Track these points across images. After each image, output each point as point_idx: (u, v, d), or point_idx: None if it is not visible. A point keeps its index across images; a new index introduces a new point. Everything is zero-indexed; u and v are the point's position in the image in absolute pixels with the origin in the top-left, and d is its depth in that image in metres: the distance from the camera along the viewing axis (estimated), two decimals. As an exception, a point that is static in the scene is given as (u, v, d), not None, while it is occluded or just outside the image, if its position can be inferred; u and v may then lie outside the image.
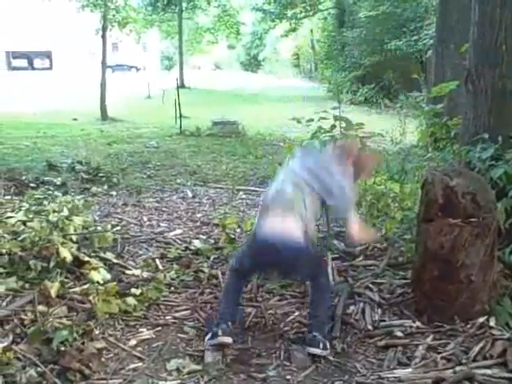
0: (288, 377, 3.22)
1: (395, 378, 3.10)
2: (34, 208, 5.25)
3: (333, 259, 4.61)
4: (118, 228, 5.69)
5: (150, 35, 38.59)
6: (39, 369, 3.00)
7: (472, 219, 3.59)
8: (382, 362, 3.35)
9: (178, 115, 15.11)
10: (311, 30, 41.37)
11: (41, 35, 48.66)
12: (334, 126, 5.45)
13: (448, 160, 6.20)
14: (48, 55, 52.91)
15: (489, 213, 3.63)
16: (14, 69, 49.08)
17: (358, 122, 5.46)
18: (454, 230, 3.60)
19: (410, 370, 3.19)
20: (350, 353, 3.50)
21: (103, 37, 18.51)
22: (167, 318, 3.93)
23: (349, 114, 5.64)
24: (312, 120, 5.71)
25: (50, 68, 51.42)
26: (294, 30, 37.96)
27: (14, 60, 51.63)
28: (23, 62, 51.50)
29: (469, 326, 3.57)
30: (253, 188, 8.02)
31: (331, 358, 3.42)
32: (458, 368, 3.13)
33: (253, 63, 59.69)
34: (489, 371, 3.09)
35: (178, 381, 3.14)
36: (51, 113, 18.52)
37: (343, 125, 5.46)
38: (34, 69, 50.18)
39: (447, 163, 5.98)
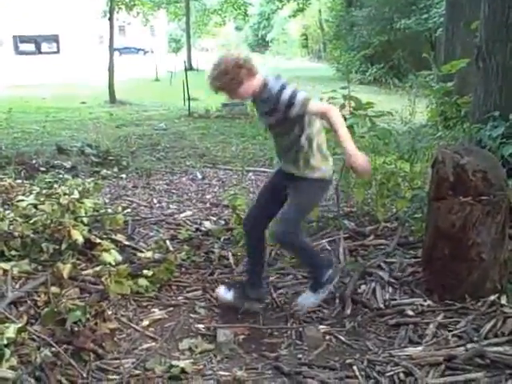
0: (299, 356, 3.24)
1: (406, 355, 3.11)
2: (44, 191, 5.27)
3: (343, 239, 4.60)
4: (129, 210, 5.72)
5: (157, 17, 38.37)
6: (54, 349, 3.03)
7: (483, 197, 3.58)
8: (393, 341, 3.37)
9: (187, 97, 15.06)
10: (319, 10, 40.94)
11: (48, 19, 48.57)
12: (343, 106, 5.41)
13: (458, 138, 6.18)
14: (55, 39, 52.86)
15: (500, 190, 3.61)
16: (22, 53, 49.07)
17: (367, 102, 5.43)
18: (465, 209, 3.59)
19: (421, 347, 3.20)
20: (361, 332, 3.52)
21: (110, 19, 18.41)
22: (179, 298, 3.96)
23: (358, 94, 5.59)
24: (321, 100, 5.68)
25: (58, 52, 51.37)
26: (301, 10, 37.63)
27: (22, 44, 51.63)
28: (30, 47, 51.47)
29: (480, 304, 3.58)
30: (262, 169, 8.02)
31: (342, 337, 3.45)
32: (469, 345, 3.14)
33: (260, 44, 59.25)
34: (500, 348, 3.09)
35: (191, 360, 3.16)
36: (60, 97, 18.52)
37: (353, 104, 5.43)
38: (41, 53, 50.14)
39: (457, 142, 5.96)
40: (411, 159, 5.75)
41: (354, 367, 3.07)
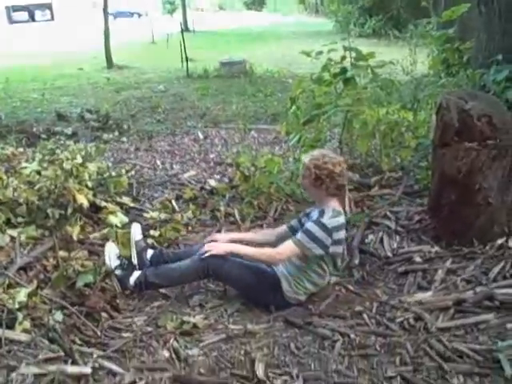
0: (309, 306, 3.27)
1: (416, 301, 3.13)
2: (47, 158, 5.24)
3: (348, 190, 4.58)
4: (132, 173, 5.71)
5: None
6: (66, 311, 3.05)
7: (489, 142, 3.54)
8: (402, 288, 3.39)
9: (184, 58, 14.89)
10: (315, -37, 40.09)
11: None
12: (344, 57, 5.33)
13: (462, 85, 6.10)
14: (48, 7, 52.06)
15: (506, 134, 3.57)
16: (15, 22, 48.38)
17: (368, 52, 5.33)
18: (471, 154, 3.56)
19: (430, 293, 3.22)
20: (369, 280, 3.55)
21: (103, -18, 18.06)
22: (187, 256, 3.96)
23: (357, 47, 5.50)
24: (321, 53, 5.58)
25: (52, 19, 50.63)
26: (297, -37, 36.84)
27: (15, 13, 50.84)
28: (24, 15, 50.71)
29: (488, 247, 3.58)
30: (264, 126, 7.97)
31: (351, 286, 3.46)
32: (478, 289, 3.15)
33: (256, 2, 58.10)
34: (509, 290, 3.10)
35: (202, 315, 3.19)
36: (57, 64, 18.31)
37: (353, 55, 5.33)
38: (35, 21, 49.44)
39: (461, 88, 5.88)
40: (414, 108, 5.68)
41: (364, 315, 3.09)
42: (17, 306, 2.94)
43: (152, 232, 4.13)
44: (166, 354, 2.74)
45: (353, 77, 5.27)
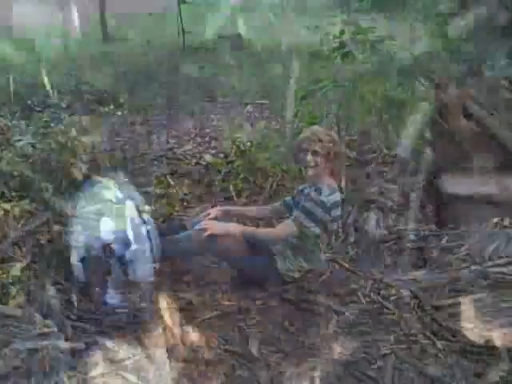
0: (304, 283, 3.26)
1: (410, 279, 3.12)
2: (41, 130, 5.19)
3: (345, 167, 4.56)
4: (128, 146, 5.66)
5: None
6: (60, 286, 3.04)
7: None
8: (396, 266, 3.38)
9: (181, 31, 14.69)
10: None
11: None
12: (343, 31, 5.25)
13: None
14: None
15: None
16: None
17: (368, 26, 5.25)
18: (469, 132, 3.54)
19: (425, 271, 3.22)
20: (364, 258, 3.53)
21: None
22: (182, 232, 3.94)
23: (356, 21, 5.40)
24: (318, 27, 5.51)
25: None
26: None
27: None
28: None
29: (483, 226, 3.57)
30: (261, 101, 7.90)
31: (346, 264, 3.46)
32: (473, 267, 3.14)
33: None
34: (504, 269, 3.10)
35: (196, 291, 3.18)
36: (52, 35, 18.07)
37: (352, 30, 5.25)
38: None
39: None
40: (413, 84, 5.61)
41: (359, 293, 3.08)
42: (10, 281, 2.93)
43: (147, 207, 4.10)
44: (160, 330, 2.74)
45: (351, 51, 5.20)
